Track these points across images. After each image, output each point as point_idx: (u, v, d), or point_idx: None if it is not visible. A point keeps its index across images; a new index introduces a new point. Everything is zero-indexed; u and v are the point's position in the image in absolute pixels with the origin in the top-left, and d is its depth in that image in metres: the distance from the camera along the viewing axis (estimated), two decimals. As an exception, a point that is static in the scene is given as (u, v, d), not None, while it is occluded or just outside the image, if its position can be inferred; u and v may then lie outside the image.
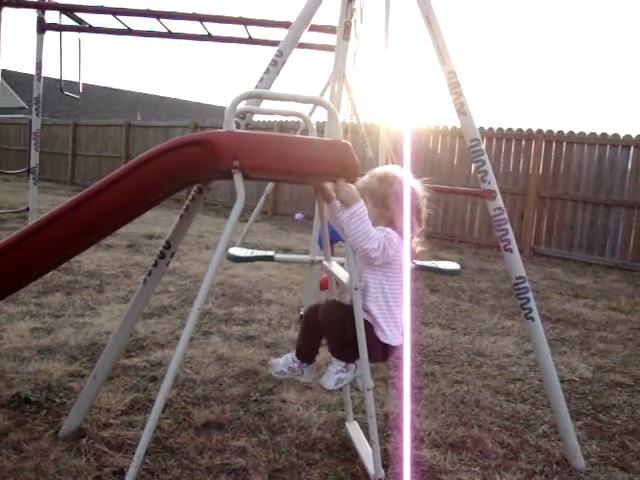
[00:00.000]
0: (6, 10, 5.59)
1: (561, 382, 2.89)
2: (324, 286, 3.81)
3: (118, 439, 2.51)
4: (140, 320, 4.00)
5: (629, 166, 8.90)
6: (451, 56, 2.60)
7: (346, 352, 2.21)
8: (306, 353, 2.35)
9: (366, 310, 2.14)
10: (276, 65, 2.46)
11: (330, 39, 5.35)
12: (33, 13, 6.16)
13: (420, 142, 10.47)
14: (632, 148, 8.87)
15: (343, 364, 2.22)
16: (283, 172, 1.91)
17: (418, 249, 2.25)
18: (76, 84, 7.06)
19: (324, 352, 2.41)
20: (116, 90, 38.35)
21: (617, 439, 2.92)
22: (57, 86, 6.74)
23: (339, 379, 2.22)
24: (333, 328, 2.18)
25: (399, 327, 2.21)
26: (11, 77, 29.68)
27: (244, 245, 4.10)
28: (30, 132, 6.83)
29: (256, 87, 2.39)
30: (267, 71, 2.44)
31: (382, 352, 2.21)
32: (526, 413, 3.13)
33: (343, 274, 2.27)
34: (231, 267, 6.11)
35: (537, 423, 3.02)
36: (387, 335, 2.16)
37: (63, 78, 6.78)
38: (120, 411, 2.78)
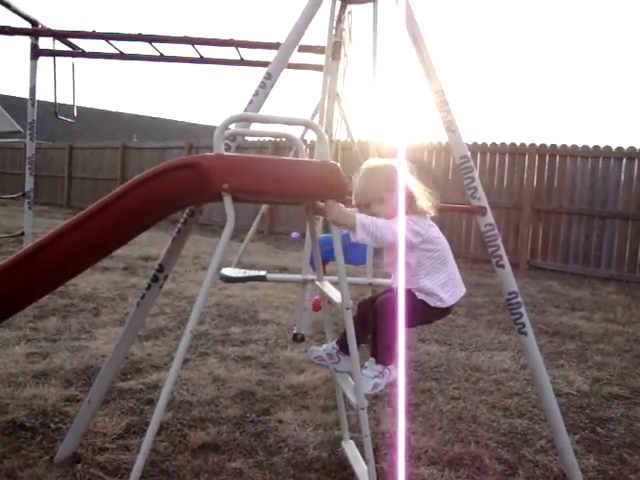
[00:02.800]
0: (0, 37, 5.64)
1: (558, 396, 2.89)
2: (317, 308, 3.82)
3: (114, 463, 2.50)
4: (136, 342, 4.00)
5: (622, 177, 8.97)
6: (438, 74, 2.63)
7: (378, 351, 2.27)
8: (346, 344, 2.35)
9: (421, 289, 2.27)
10: (265, 87, 2.48)
11: (319, 59, 5.40)
12: (27, 39, 6.21)
13: (414, 158, 10.48)
14: (624, 160, 8.94)
15: (379, 369, 2.24)
16: (272, 194, 1.93)
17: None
18: (71, 107, 7.10)
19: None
20: (111, 112, 38.59)
21: (615, 452, 2.91)
22: (52, 110, 6.79)
23: (375, 384, 2.24)
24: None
25: (455, 284, 2.42)
26: (7, 101, 29.85)
27: (240, 265, 4.11)
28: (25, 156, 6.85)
29: (245, 110, 2.42)
30: (256, 94, 2.47)
31: (435, 316, 2.42)
32: (523, 428, 3.13)
33: (335, 294, 2.28)
34: (227, 287, 6.11)
35: (535, 438, 3.01)
36: (445, 300, 2.33)
37: (58, 102, 6.82)
38: (116, 435, 2.76)
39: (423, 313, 2.32)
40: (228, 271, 3.18)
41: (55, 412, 2.98)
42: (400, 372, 2.28)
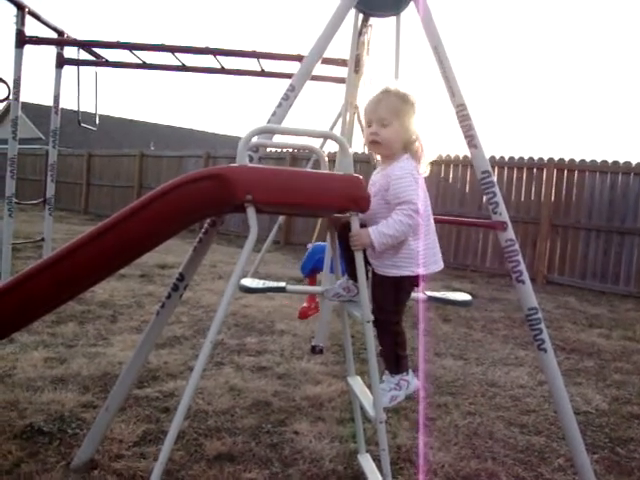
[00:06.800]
0: (26, 46, 5.73)
1: (577, 414, 2.85)
2: (303, 315, 3.80)
3: (130, 471, 2.51)
4: (153, 350, 4.01)
5: (642, 194, 8.87)
6: (461, 88, 2.63)
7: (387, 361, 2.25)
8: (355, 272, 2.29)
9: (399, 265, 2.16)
10: (288, 99, 2.50)
11: (341, 71, 5.43)
12: (52, 48, 6.32)
13: (432, 171, 10.43)
14: (644, 176, 8.85)
15: (395, 382, 2.24)
16: (295, 206, 1.94)
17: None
18: (92, 115, 7.21)
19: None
20: (130, 120, 38.97)
21: (636, 474, 2.86)
22: (73, 117, 6.89)
23: (392, 396, 2.22)
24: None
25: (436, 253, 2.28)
26: (28, 109, 30.24)
27: (256, 275, 4.12)
28: (46, 163, 6.95)
29: (269, 121, 2.44)
30: (279, 105, 2.49)
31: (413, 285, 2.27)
32: (541, 446, 3.09)
33: (355, 307, 2.28)
34: (243, 297, 6.12)
35: (552, 456, 2.98)
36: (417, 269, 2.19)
37: (80, 109, 6.94)
38: (132, 442, 2.78)
39: (404, 289, 2.24)
40: (247, 282, 3.17)
41: (72, 418, 3.00)
42: (419, 386, 2.27)
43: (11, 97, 5.67)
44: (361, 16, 3.37)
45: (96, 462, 2.54)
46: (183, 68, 5.95)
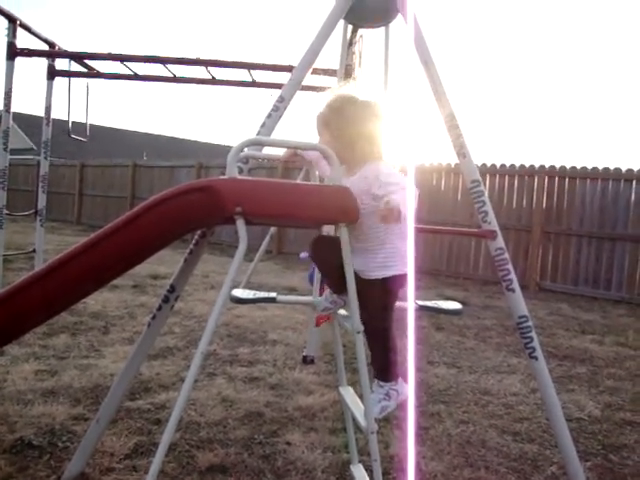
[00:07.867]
0: (18, 58, 5.74)
1: (569, 421, 2.86)
2: (317, 323, 3.81)
3: (121, 484, 2.49)
4: (145, 361, 4.00)
5: (632, 199, 8.93)
6: (449, 99, 2.65)
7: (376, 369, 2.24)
8: (338, 288, 2.27)
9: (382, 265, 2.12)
10: (278, 110, 2.51)
11: (331, 82, 5.45)
12: (43, 59, 6.32)
13: (423, 180, 10.52)
14: (634, 182, 8.91)
15: (385, 392, 2.23)
16: (285, 218, 1.95)
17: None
18: (83, 125, 7.21)
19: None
20: (122, 131, 38.93)
21: (628, 481, 2.87)
22: (65, 128, 6.90)
23: (383, 407, 2.22)
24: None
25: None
26: (20, 119, 30.21)
27: (248, 285, 4.11)
28: (38, 174, 6.94)
29: (258, 132, 2.44)
30: (269, 116, 2.50)
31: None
32: (534, 454, 3.09)
33: (345, 317, 2.28)
34: (236, 307, 6.09)
35: (545, 464, 2.98)
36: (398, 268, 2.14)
37: (71, 120, 6.94)
38: (123, 455, 2.76)
39: (392, 291, 2.20)
40: (238, 292, 3.18)
41: (63, 431, 2.98)
42: (410, 394, 2.27)
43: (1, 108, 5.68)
44: (350, 27, 3.39)
45: (87, 476, 2.52)
46: (175, 79, 5.97)
